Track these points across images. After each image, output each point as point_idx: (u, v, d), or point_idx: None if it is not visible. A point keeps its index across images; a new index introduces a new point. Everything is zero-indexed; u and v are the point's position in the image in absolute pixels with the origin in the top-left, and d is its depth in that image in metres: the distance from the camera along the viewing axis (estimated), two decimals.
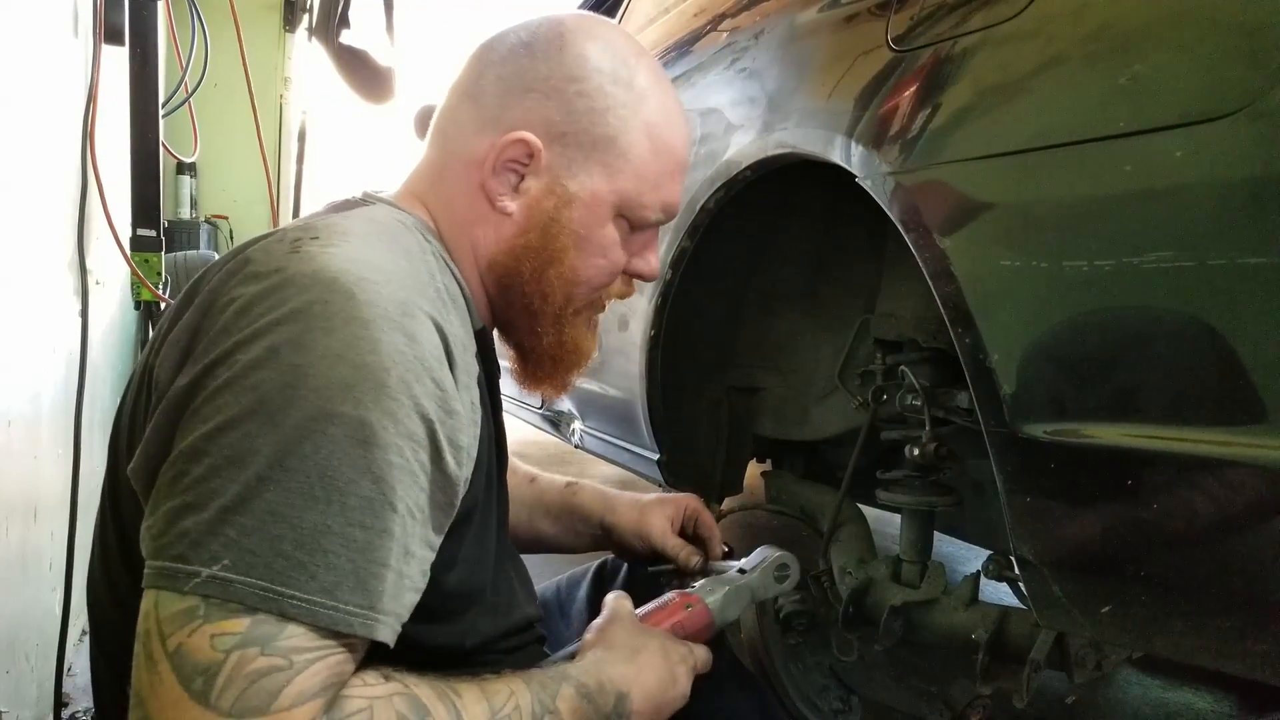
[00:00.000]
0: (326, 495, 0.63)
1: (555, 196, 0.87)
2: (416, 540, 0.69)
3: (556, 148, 0.87)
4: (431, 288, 0.77)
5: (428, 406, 0.68)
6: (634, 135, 0.88)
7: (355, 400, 0.64)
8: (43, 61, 1.74)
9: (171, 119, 3.22)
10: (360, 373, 0.65)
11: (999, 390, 0.89)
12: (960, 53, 0.99)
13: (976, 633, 1.22)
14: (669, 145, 0.91)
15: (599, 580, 1.32)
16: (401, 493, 0.66)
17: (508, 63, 0.88)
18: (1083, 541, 0.89)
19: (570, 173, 0.87)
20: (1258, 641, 0.80)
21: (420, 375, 0.68)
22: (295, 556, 0.62)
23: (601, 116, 0.87)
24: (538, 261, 0.88)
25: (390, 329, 0.67)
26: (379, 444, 0.65)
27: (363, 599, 0.64)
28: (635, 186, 0.89)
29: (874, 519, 1.61)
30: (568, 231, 0.88)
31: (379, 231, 0.80)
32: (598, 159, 0.88)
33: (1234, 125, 0.71)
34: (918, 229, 0.98)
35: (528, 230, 0.88)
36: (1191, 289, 0.75)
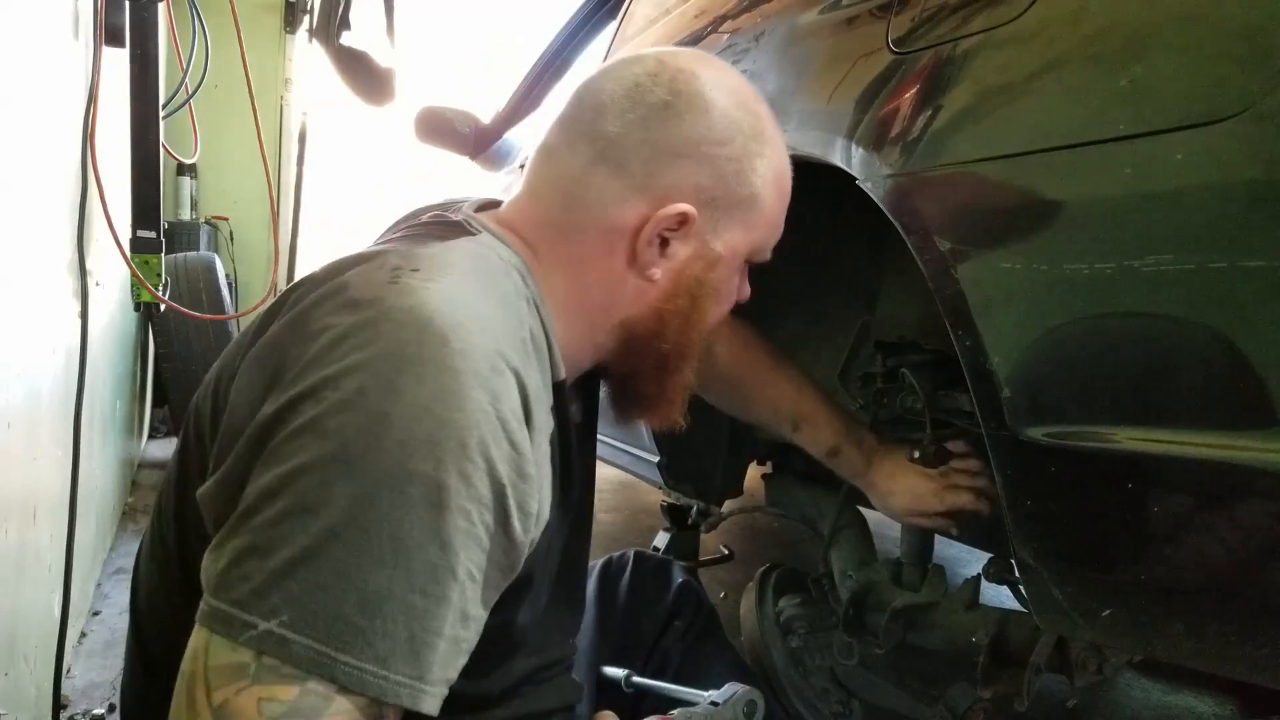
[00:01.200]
0: (395, 558, 0.61)
1: (704, 260, 0.87)
2: (473, 603, 0.67)
3: (706, 212, 0.86)
4: (519, 336, 0.75)
5: (502, 471, 0.66)
6: (768, 188, 0.89)
7: (436, 460, 0.62)
8: (43, 63, 1.74)
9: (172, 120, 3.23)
10: (445, 430, 0.63)
11: (999, 393, 0.89)
12: (961, 55, 0.98)
13: (977, 635, 1.22)
14: (787, 187, 0.93)
15: (605, 576, 1.31)
16: (464, 557, 0.64)
17: (652, 126, 0.84)
18: (1083, 544, 0.89)
19: (715, 234, 0.87)
20: (1259, 645, 0.80)
21: (499, 438, 0.66)
22: (355, 621, 0.60)
23: (747, 178, 0.87)
24: (684, 323, 0.88)
25: (479, 385, 0.65)
26: (450, 508, 0.63)
27: (413, 669, 0.62)
28: (765, 234, 0.92)
29: (875, 522, 1.60)
30: (711, 291, 0.89)
31: (481, 270, 0.78)
32: (740, 217, 0.88)
33: (1235, 128, 0.71)
34: (918, 231, 0.98)
35: (675, 295, 0.87)
36: (1192, 292, 0.75)
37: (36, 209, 1.68)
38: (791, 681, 1.56)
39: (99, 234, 2.20)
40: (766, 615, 1.57)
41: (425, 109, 2.70)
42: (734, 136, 0.86)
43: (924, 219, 0.98)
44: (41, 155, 1.73)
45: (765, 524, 3.17)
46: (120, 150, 2.40)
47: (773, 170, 0.89)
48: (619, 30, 2.42)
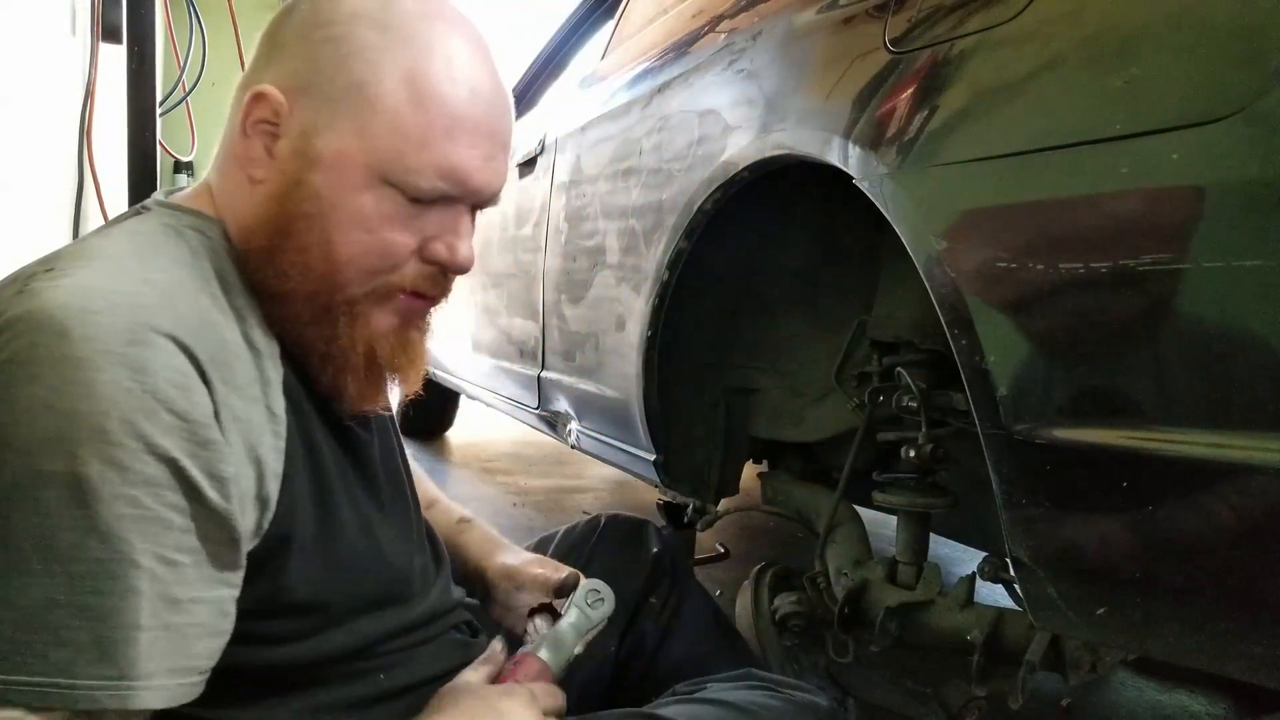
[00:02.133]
0: (47, 567, 0.58)
1: (302, 158, 0.75)
2: (183, 585, 0.63)
3: (303, 101, 0.75)
4: (191, 300, 0.69)
5: (165, 444, 0.62)
6: (387, 84, 0.74)
7: (68, 455, 0.58)
8: (40, 60, 1.74)
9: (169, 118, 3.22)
10: (71, 422, 0.59)
11: (995, 392, 0.89)
12: (958, 55, 0.99)
13: (972, 634, 1.23)
14: (439, 95, 0.75)
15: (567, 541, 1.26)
16: (144, 545, 0.61)
17: (272, 25, 0.80)
18: (1078, 543, 0.89)
19: (317, 130, 0.74)
20: (1253, 644, 0.80)
21: (153, 411, 0.61)
22: (18, 639, 0.57)
23: (345, 62, 0.74)
24: (274, 234, 0.75)
25: (109, 364, 0.60)
26: (102, 498, 0.59)
27: (110, 669, 0.59)
28: (392, 144, 0.74)
29: (871, 520, 1.61)
30: (312, 198, 0.74)
31: (137, 246, 0.72)
32: (346, 113, 0.74)
33: (1230, 128, 0.72)
34: (914, 230, 0.98)
35: (275, 198, 0.76)
36: (1187, 291, 0.75)
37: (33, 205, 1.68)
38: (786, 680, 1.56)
39: None
40: (762, 613, 1.57)
41: None
42: (339, 20, 0.75)
43: (920, 218, 0.98)
44: (38, 152, 1.73)
45: (761, 523, 3.18)
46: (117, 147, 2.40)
47: (402, 67, 0.74)
48: (616, 29, 2.42)
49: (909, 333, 1.38)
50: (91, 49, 2.13)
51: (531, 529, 2.85)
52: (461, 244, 0.80)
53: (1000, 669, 1.22)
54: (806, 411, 1.73)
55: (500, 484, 3.54)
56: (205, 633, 0.65)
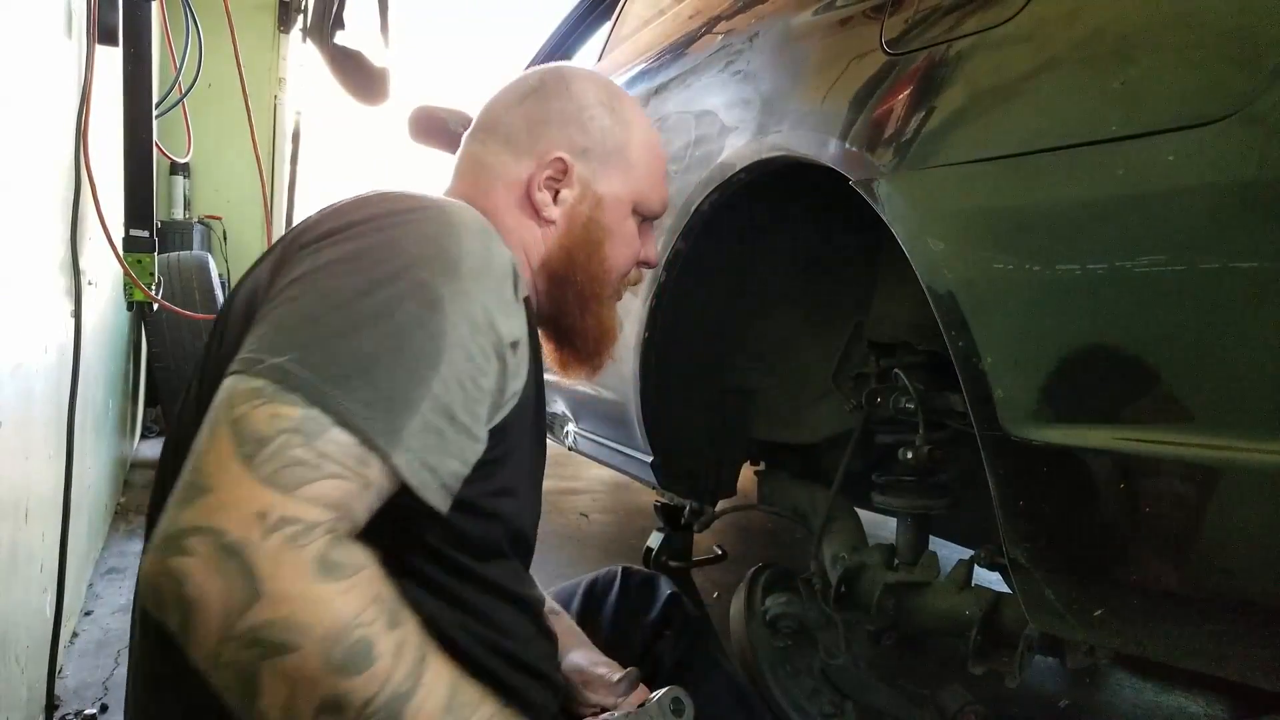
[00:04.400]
0: (387, 334, 0.73)
1: (588, 200, 1.05)
2: (461, 409, 0.76)
3: (582, 162, 1.04)
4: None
5: (490, 300, 0.79)
6: (636, 145, 1.08)
7: (433, 272, 0.76)
8: (36, 61, 1.73)
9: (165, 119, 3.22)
10: (444, 254, 0.78)
11: (992, 393, 0.89)
12: (954, 56, 0.99)
13: (970, 610, 1.22)
14: (658, 156, 1.11)
15: (590, 596, 1.32)
16: (449, 358, 0.75)
17: (526, 104, 1.06)
18: (1075, 544, 0.89)
19: (595, 179, 1.05)
20: (1250, 645, 0.80)
21: (488, 276, 0.80)
22: (348, 368, 0.71)
23: (612, 132, 1.06)
24: (585, 252, 1.05)
25: (474, 237, 0.81)
26: (442, 312, 0.75)
27: (388, 423, 0.71)
28: (644, 186, 1.08)
29: (870, 522, 1.61)
30: (602, 227, 1.05)
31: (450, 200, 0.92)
32: (614, 165, 1.06)
33: (1227, 129, 0.72)
34: (911, 232, 0.98)
35: (571, 231, 1.05)
36: (1184, 292, 0.75)
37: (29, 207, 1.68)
38: (779, 681, 1.56)
39: (92, 233, 2.19)
40: (754, 615, 1.57)
41: (419, 108, 2.70)
42: (593, 103, 1.06)
43: (917, 219, 0.98)
44: (35, 154, 1.73)
45: (759, 524, 3.18)
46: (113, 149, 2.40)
47: (639, 133, 1.09)
48: (613, 31, 2.42)
49: (906, 334, 1.38)
50: (87, 51, 2.13)
51: None
52: (654, 247, 1.16)
53: (998, 650, 1.21)
54: (804, 413, 1.73)
55: None
56: (459, 455, 0.78)
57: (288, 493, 0.67)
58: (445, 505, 0.78)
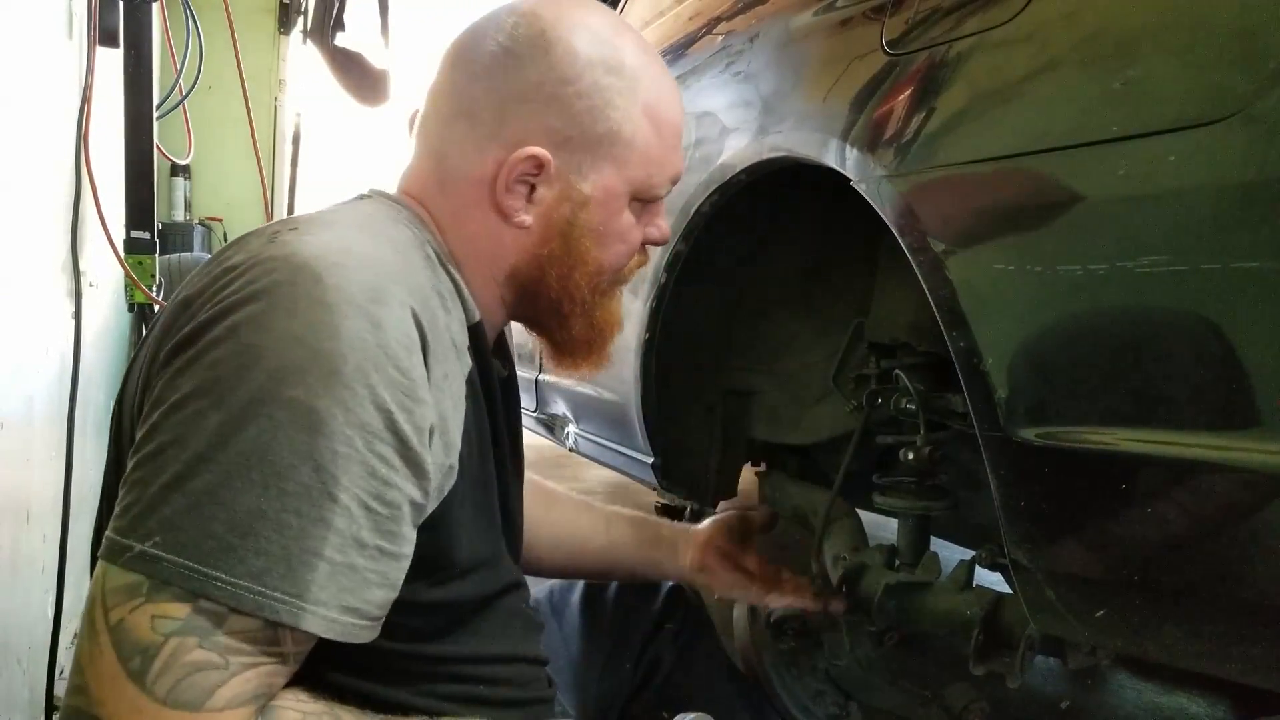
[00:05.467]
0: (264, 479, 0.62)
1: (570, 202, 0.86)
2: (377, 534, 0.67)
3: (563, 154, 0.84)
4: (414, 276, 0.76)
5: (386, 396, 0.67)
6: (636, 122, 0.86)
7: (306, 386, 0.64)
8: (37, 63, 1.73)
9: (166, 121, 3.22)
10: (316, 358, 0.64)
11: (993, 394, 0.89)
12: (955, 57, 0.99)
13: (971, 610, 1.22)
14: (668, 119, 0.89)
15: (591, 587, 1.32)
16: (347, 483, 0.65)
17: (495, 74, 0.85)
18: (1077, 545, 0.89)
19: (581, 175, 0.86)
20: (1252, 646, 0.80)
21: (382, 364, 0.67)
22: (226, 538, 0.62)
23: (603, 113, 0.84)
24: (563, 268, 0.88)
25: (354, 314, 0.66)
26: (325, 432, 0.64)
27: (291, 587, 0.63)
28: (645, 170, 0.88)
29: (871, 523, 1.61)
30: (587, 232, 0.87)
31: (366, 221, 0.80)
32: (605, 154, 0.86)
33: (1228, 129, 0.71)
34: (912, 233, 0.98)
35: (548, 240, 0.87)
36: (1185, 293, 0.75)
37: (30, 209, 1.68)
38: (784, 684, 1.56)
39: (93, 235, 2.19)
40: (758, 617, 1.57)
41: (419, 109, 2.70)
42: (581, 73, 0.84)
43: (918, 220, 0.98)
44: (35, 156, 1.73)
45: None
46: (114, 151, 2.39)
47: (642, 104, 0.86)
48: None
49: (907, 335, 1.37)
50: (88, 53, 2.13)
51: None
52: (663, 221, 0.97)
53: (1000, 650, 1.21)
54: (804, 414, 1.73)
55: None
56: (382, 583, 0.69)
57: (197, 710, 0.60)
58: (377, 632, 0.70)
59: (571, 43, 0.84)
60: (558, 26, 0.85)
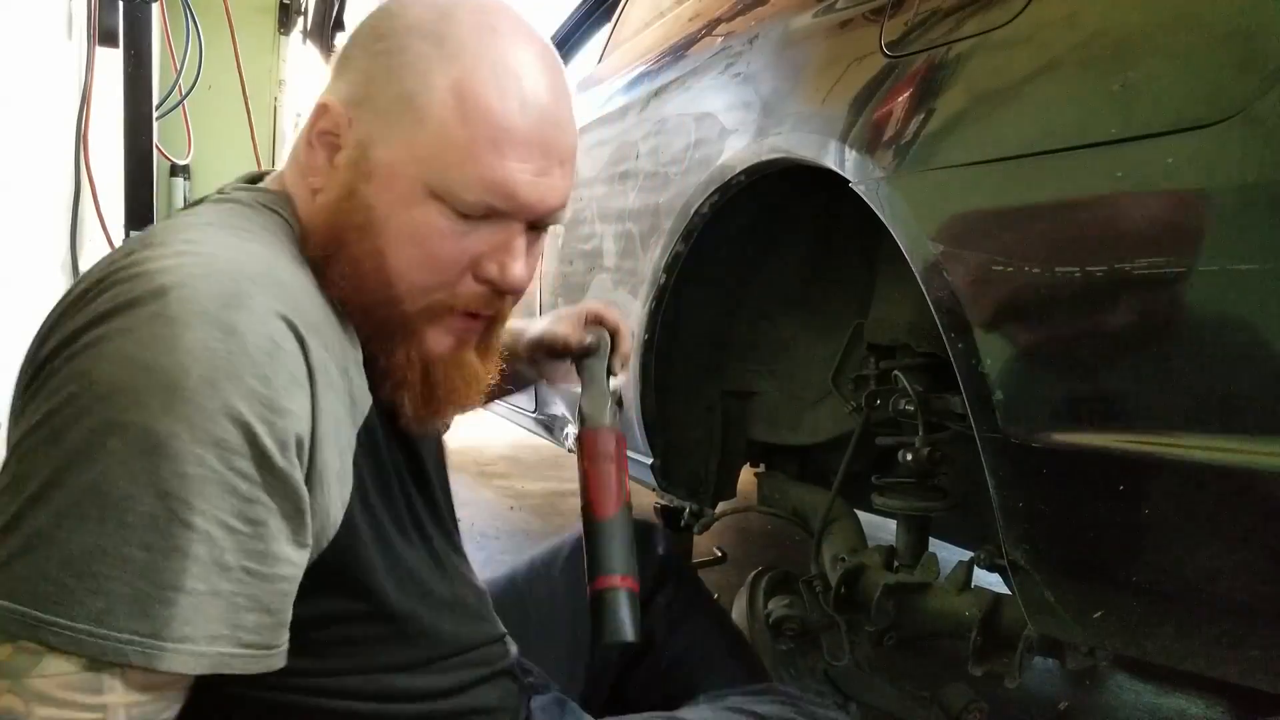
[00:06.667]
0: (101, 513, 0.57)
1: (356, 170, 0.74)
2: (246, 555, 0.62)
3: (360, 114, 0.75)
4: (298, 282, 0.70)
5: (241, 408, 0.60)
6: (436, 94, 0.73)
7: (143, 408, 0.58)
8: (37, 64, 1.73)
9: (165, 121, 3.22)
10: (150, 375, 0.59)
11: (991, 395, 0.89)
12: (954, 58, 0.99)
13: (970, 611, 1.22)
14: (486, 106, 0.73)
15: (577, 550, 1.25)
16: (203, 505, 0.59)
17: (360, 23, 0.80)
18: (1075, 546, 0.89)
19: (373, 142, 0.74)
20: (1250, 647, 0.80)
21: (234, 373, 0.60)
22: (62, 581, 0.57)
23: (398, 74, 0.74)
24: (329, 244, 0.75)
25: (200, 323, 0.60)
26: (169, 455, 0.58)
27: (143, 626, 0.58)
28: (439, 157, 0.73)
29: (870, 524, 1.61)
30: (363, 209, 0.74)
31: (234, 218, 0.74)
32: (395, 123, 0.74)
33: (1226, 131, 0.72)
34: (911, 234, 0.98)
35: (336, 204, 0.75)
36: (1184, 295, 0.75)
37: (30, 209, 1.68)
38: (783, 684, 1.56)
39: (92, 234, 2.19)
40: (756, 618, 1.57)
41: None
42: (394, 32, 0.75)
43: (917, 221, 0.98)
44: (35, 156, 1.73)
45: (759, 526, 3.17)
46: (113, 151, 2.40)
47: (451, 78, 0.73)
48: (613, 33, 2.42)
49: (906, 336, 1.38)
50: (88, 53, 2.13)
51: (528, 532, 2.84)
52: (514, 263, 0.78)
53: (998, 651, 1.21)
54: (804, 415, 1.73)
55: (497, 487, 3.54)
56: (253, 606, 0.63)
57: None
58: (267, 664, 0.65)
59: (403, 4, 0.77)
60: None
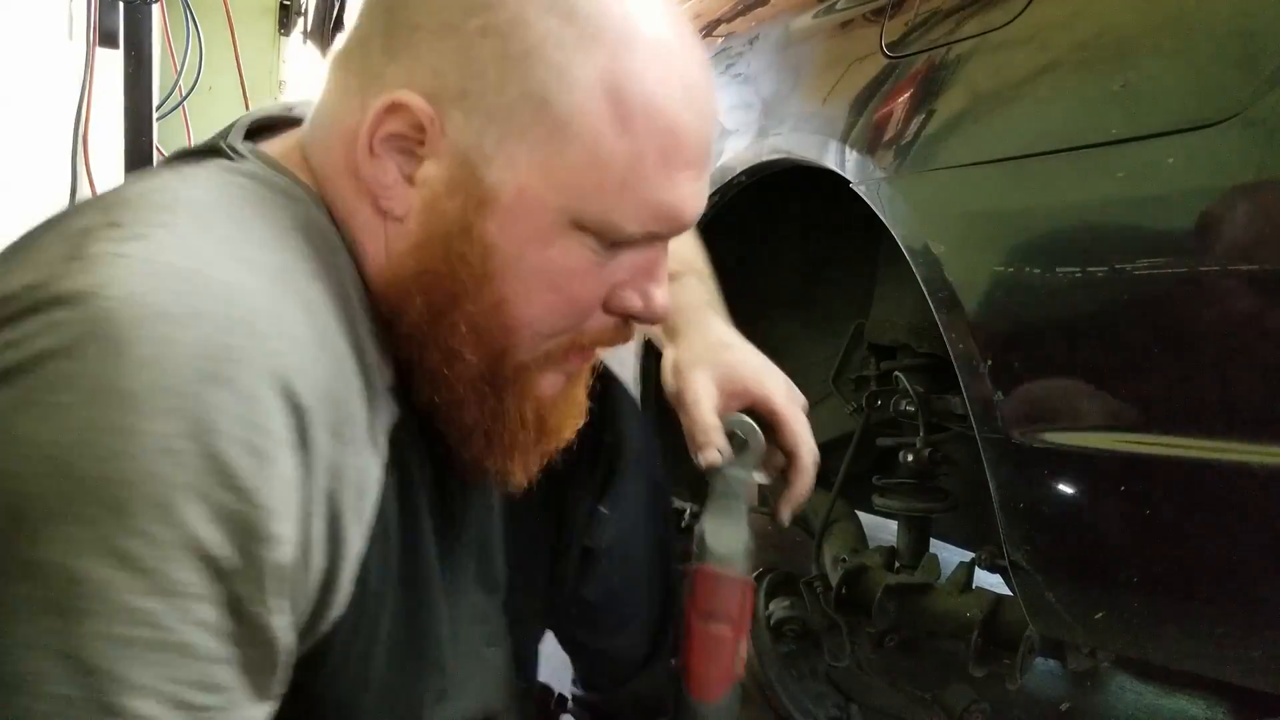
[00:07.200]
0: (4, 696, 0.41)
1: (467, 196, 0.54)
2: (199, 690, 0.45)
3: (458, 115, 0.54)
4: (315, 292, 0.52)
5: (207, 536, 0.44)
6: (580, 94, 0.53)
7: (64, 540, 0.41)
8: (37, 64, 1.74)
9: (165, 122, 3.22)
10: (81, 488, 0.41)
11: (992, 396, 0.89)
12: (954, 59, 0.99)
13: (971, 612, 1.22)
14: (650, 106, 0.54)
15: None
16: (146, 680, 0.43)
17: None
18: (1076, 547, 0.89)
19: (485, 157, 0.54)
20: (1251, 648, 0.80)
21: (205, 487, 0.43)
22: None
23: (523, 66, 0.53)
24: (437, 296, 0.56)
25: (165, 409, 0.42)
26: (95, 610, 0.41)
27: None
28: (592, 180, 0.54)
29: (870, 525, 1.60)
30: (484, 251, 0.55)
31: (232, 203, 0.53)
32: (523, 135, 0.54)
33: (1226, 132, 0.71)
34: (911, 234, 0.98)
35: (428, 246, 0.56)
36: (1185, 295, 0.75)
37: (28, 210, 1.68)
38: (785, 686, 1.56)
39: None
40: (758, 620, 1.57)
41: None
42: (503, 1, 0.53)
43: (917, 222, 0.98)
44: (34, 156, 1.73)
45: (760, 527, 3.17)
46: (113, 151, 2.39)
47: (599, 68, 0.53)
48: None
49: (906, 337, 1.38)
50: (88, 53, 2.13)
51: None
52: (658, 291, 0.63)
53: (999, 652, 1.21)
54: None
55: None
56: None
57: None
58: None
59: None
60: None
